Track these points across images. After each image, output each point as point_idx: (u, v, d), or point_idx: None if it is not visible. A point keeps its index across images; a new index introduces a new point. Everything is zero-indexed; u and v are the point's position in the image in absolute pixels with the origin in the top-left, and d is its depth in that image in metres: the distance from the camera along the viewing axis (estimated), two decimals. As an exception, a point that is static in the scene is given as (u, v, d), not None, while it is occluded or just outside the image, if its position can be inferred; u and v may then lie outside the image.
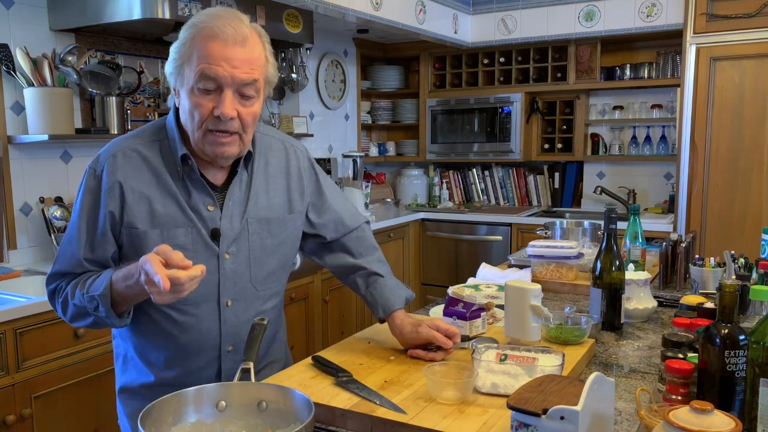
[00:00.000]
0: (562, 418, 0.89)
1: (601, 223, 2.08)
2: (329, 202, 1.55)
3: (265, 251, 1.42)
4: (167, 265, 1.12)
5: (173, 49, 1.29)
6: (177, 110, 1.34)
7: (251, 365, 1.16)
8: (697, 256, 2.14)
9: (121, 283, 1.23)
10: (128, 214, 1.31)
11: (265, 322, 1.27)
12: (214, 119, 1.26)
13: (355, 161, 4.17)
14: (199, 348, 1.37)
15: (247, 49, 1.25)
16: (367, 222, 1.65)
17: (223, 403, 1.09)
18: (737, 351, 1.04)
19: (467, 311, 1.54)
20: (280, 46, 3.45)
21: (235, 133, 1.29)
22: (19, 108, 2.61)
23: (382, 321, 1.52)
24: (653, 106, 4.31)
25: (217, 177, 1.38)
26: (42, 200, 2.67)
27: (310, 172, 1.53)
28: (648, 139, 4.41)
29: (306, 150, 1.56)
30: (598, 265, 1.68)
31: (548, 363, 1.24)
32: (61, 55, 2.61)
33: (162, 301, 1.15)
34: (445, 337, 1.41)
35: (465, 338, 1.50)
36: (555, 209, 4.61)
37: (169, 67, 1.30)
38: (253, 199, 1.40)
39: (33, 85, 2.53)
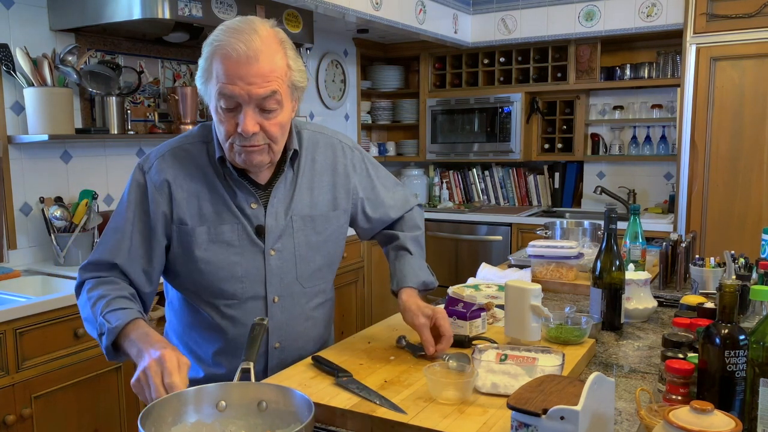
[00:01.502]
0: (562, 418, 0.89)
1: (601, 223, 2.08)
2: (381, 197, 1.59)
3: (310, 248, 1.45)
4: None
5: (199, 65, 1.32)
6: None
7: (251, 365, 1.16)
8: (697, 256, 2.14)
9: (134, 335, 1.21)
10: (178, 211, 1.34)
11: (265, 322, 1.27)
12: (239, 136, 1.27)
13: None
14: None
15: (261, 63, 1.23)
16: (419, 205, 1.70)
17: (223, 403, 1.09)
18: (737, 351, 1.04)
19: (467, 311, 1.54)
20: (280, 46, 3.45)
21: (263, 144, 1.30)
22: (19, 108, 2.61)
23: (394, 294, 1.53)
24: (653, 106, 4.31)
25: (261, 175, 1.41)
26: (42, 200, 2.67)
27: (361, 168, 1.56)
28: (648, 139, 4.41)
29: (357, 146, 1.59)
30: (598, 265, 1.68)
31: (548, 363, 1.24)
32: (61, 55, 2.61)
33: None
34: (435, 341, 1.40)
35: (465, 338, 1.50)
36: (555, 209, 4.61)
37: (198, 81, 1.33)
38: (297, 196, 1.43)
39: (33, 85, 2.53)
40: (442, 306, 1.66)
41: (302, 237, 1.44)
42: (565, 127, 4.58)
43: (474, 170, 4.95)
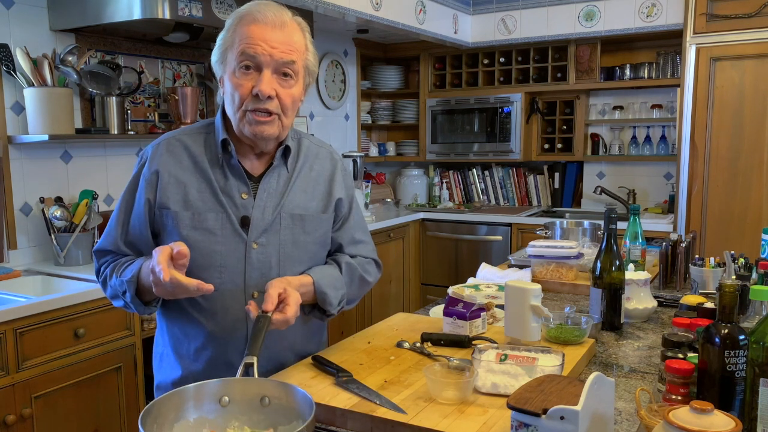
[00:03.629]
0: (562, 418, 0.89)
1: (601, 223, 2.08)
2: (350, 226, 1.55)
3: (297, 247, 1.44)
4: (177, 258, 1.22)
5: (218, 39, 1.37)
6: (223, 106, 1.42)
7: (254, 360, 1.15)
8: (697, 256, 2.14)
9: (145, 274, 1.29)
10: (162, 197, 1.37)
11: (269, 314, 1.26)
12: (254, 99, 1.32)
13: (355, 161, 4.17)
14: (226, 338, 1.39)
15: (285, 32, 1.32)
16: (378, 265, 1.62)
17: (226, 398, 1.09)
18: (737, 351, 1.04)
19: (467, 311, 1.54)
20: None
21: (274, 114, 1.33)
22: (19, 108, 2.61)
23: None
24: (653, 106, 4.31)
25: (255, 167, 1.43)
26: (42, 200, 2.67)
27: (350, 193, 1.56)
28: (648, 139, 4.41)
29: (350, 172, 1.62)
30: (598, 265, 1.68)
31: (548, 363, 1.24)
32: (61, 55, 2.61)
33: (160, 293, 1.25)
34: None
35: (465, 338, 1.50)
36: (555, 209, 4.61)
37: (214, 56, 1.38)
38: (290, 195, 1.43)
39: (33, 85, 2.53)
40: (442, 306, 1.67)
41: (289, 235, 1.42)
42: (565, 127, 4.58)
43: (474, 170, 4.95)
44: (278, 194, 1.42)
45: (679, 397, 1.11)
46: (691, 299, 1.64)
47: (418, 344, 1.49)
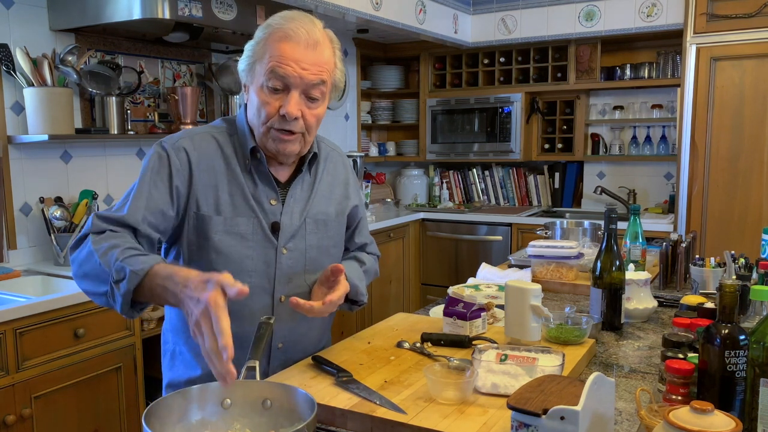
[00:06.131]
0: (562, 418, 0.89)
1: (601, 223, 2.08)
2: (363, 226, 1.65)
3: (320, 251, 1.47)
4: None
5: (247, 47, 1.35)
6: (246, 106, 1.41)
7: (257, 364, 1.15)
8: (697, 256, 2.14)
9: (161, 279, 1.15)
10: (194, 195, 1.35)
11: (271, 321, 1.27)
12: (280, 118, 1.31)
13: (355, 161, 4.17)
14: (250, 341, 1.38)
15: (317, 51, 1.31)
16: (378, 257, 1.71)
17: (228, 401, 1.09)
18: (737, 351, 1.04)
19: (467, 311, 1.54)
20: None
21: (298, 133, 1.34)
22: (19, 108, 2.61)
23: None
24: (653, 106, 4.31)
25: (281, 174, 1.44)
26: (42, 200, 2.67)
27: (360, 194, 1.63)
28: (648, 139, 4.41)
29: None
30: (598, 265, 1.68)
31: (548, 363, 1.24)
32: (61, 55, 2.61)
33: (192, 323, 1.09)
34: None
35: (465, 338, 1.50)
36: (555, 209, 4.61)
37: (242, 64, 1.37)
38: (314, 200, 1.46)
39: (33, 85, 2.53)
40: (442, 306, 1.67)
41: (314, 240, 1.46)
42: (565, 127, 4.58)
43: (474, 170, 4.95)
44: (303, 200, 1.45)
45: (680, 397, 1.11)
46: (691, 299, 1.64)
47: (418, 344, 1.49)
